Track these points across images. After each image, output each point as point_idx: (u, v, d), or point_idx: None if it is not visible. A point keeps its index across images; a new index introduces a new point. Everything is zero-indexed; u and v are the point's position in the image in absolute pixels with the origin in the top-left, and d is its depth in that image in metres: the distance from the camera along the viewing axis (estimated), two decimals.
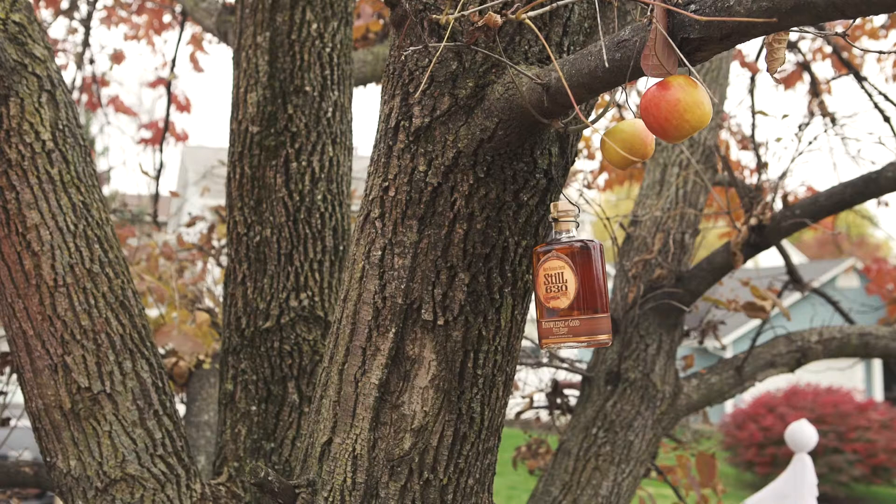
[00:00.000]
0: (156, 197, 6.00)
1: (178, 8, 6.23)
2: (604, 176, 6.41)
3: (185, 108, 6.83)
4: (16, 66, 1.91)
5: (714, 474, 3.50)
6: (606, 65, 1.17)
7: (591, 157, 6.36)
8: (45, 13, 6.19)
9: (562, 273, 1.34)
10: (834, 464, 12.78)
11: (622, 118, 4.04)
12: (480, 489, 1.55)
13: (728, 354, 13.58)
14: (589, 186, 6.32)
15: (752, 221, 2.95)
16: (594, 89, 1.25)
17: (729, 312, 3.20)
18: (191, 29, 6.44)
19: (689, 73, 1.13)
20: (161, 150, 5.96)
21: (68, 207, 1.94)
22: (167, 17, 6.71)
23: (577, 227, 1.39)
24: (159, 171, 5.92)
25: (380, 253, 1.45)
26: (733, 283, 3.43)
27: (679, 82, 1.12)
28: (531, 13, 1.20)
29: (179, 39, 5.76)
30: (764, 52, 1.30)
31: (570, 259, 1.34)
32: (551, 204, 1.40)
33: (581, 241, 1.35)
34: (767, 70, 1.16)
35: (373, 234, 1.47)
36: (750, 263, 3.34)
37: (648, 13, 1.11)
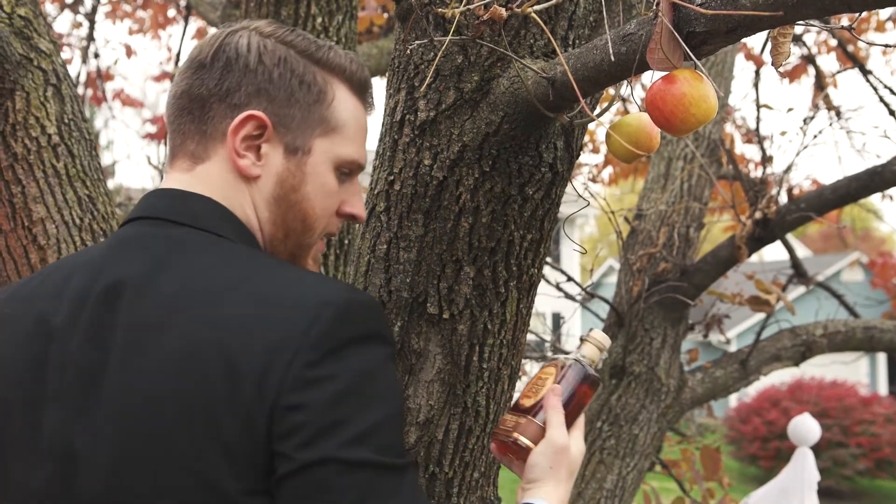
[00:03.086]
0: None
1: (182, 2, 6.23)
2: (608, 169, 6.40)
3: None
4: (21, 61, 1.91)
5: (719, 468, 3.50)
6: (612, 58, 1.17)
7: (595, 150, 6.35)
8: (49, 7, 6.19)
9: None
10: (838, 458, 12.78)
11: (627, 112, 4.04)
12: (486, 482, 1.55)
13: (732, 348, 13.61)
14: (594, 180, 6.32)
15: (757, 215, 2.95)
16: (600, 83, 1.25)
17: (733, 306, 3.20)
18: (195, 23, 6.44)
19: (695, 66, 1.13)
20: (166, 144, 5.95)
21: (74, 201, 1.95)
22: (172, 12, 6.71)
23: (600, 360, 1.36)
24: (164, 165, 5.93)
25: (385, 247, 1.45)
26: (738, 276, 3.43)
27: (685, 76, 1.12)
28: (537, 7, 1.20)
29: (184, 33, 5.76)
30: (769, 45, 1.30)
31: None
32: (592, 330, 1.38)
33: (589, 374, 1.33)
34: (773, 64, 1.16)
35: (378, 227, 1.47)
36: (754, 257, 3.34)
37: (654, 7, 1.11)
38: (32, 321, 1.05)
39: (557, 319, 14.61)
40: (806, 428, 3.94)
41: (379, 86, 5.91)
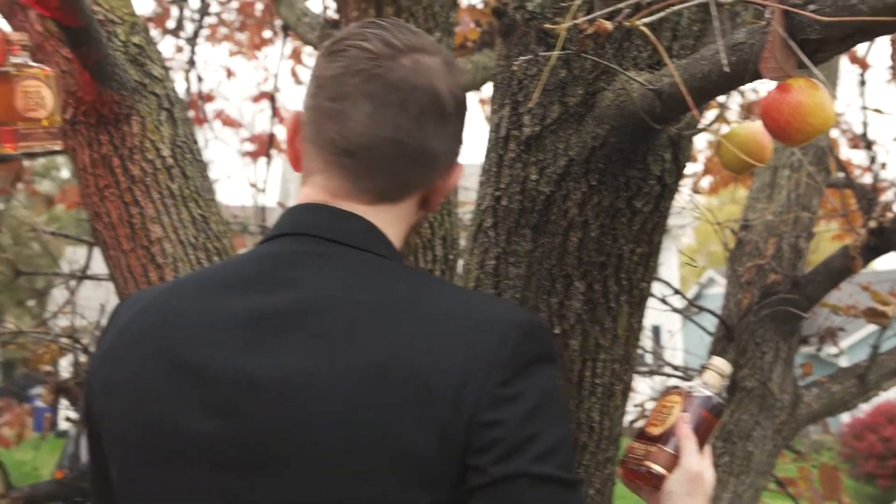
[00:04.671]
0: (262, 208, 6.14)
1: (278, 23, 6.38)
2: (707, 179, 6.27)
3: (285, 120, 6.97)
4: (136, 87, 1.98)
5: (838, 487, 3.37)
6: (726, 69, 1.14)
7: (693, 159, 6.24)
8: (152, 33, 6.42)
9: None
10: None
11: (729, 122, 3.95)
12: (602, 500, 1.54)
13: (843, 361, 13.10)
14: (694, 190, 6.20)
15: (872, 224, 2.85)
16: (709, 93, 1.23)
17: (848, 319, 3.09)
18: (291, 43, 6.58)
19: (810, 74, 1.10)
20: (268, 163, 6.09)
21: (188, 221, 2.01)
22: (268, 33, 6.87)
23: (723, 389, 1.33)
24: (266, 183, 6.06)
25: (494, 262, 1.46)
26: (851, 287, 3.31)
27: (800, 85, 1.09)
28: (645, 20, 1.19)
29: (281, 54, 5.89)
30: (890, 50, 1.25)
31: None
32: (714, 357, 1.37)
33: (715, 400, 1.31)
34: (893, 69, 1.12)
35: (486, 243, 1.47)
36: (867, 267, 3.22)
37: (766, 15, 1.08)
38: (183, 335, 1.04)
39: (657, 332, 14.37)
40: None
41: (474, 100, 5.91)
